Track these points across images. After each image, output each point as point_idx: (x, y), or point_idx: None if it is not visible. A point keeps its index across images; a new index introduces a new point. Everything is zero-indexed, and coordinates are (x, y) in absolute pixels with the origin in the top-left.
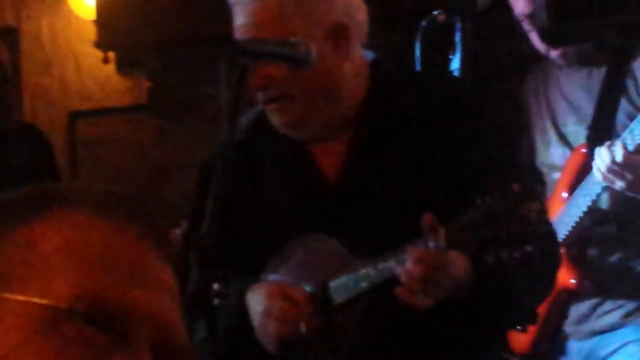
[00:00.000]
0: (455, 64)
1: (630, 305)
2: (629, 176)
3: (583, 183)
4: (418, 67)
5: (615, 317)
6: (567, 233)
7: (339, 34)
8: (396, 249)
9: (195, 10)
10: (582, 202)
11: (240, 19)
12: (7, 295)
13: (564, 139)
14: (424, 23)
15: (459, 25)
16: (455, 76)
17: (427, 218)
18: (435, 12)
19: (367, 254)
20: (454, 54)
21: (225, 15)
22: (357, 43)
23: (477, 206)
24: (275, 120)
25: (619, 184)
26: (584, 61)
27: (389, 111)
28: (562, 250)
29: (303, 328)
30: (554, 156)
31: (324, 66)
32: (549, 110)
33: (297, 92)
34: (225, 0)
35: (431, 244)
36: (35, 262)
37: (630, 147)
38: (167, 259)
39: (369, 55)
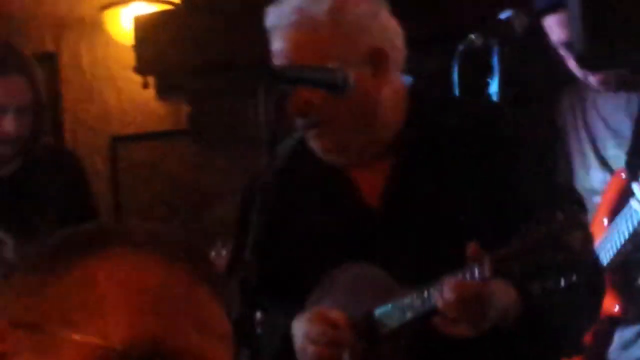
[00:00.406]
0: (493, 87)
1: None
2: None
3: (625, 209)
4: (456, 92)
5: None
6: (609, 259)
7: (377, 59)
8: (441, 279)
9: (233, 34)
10: (623, 228)
11: (277, 44)
12: (64, 332)
13: (604, 163)
14: (460, 47)
15: (496, 48)
16: (493, 100)
17: (471, 247)
18: (471, 36)
19: (412, 283)
20: (491, 77)
21: (263, 39)
22: (395, 68)
23: (522, 235)
24: (315, 145)
25: None
26: (623, 87)
27: (428, 137)
28: (606, 277)
29: (346, 357)
30: (594, 180)
31: (362, 92)
32: (587, 133)
33: (336, 118)
34: (263, 25)
35: (476, 273)
36: (93, 301)
37: None
38: (224, 304)
39: (407, 80)
